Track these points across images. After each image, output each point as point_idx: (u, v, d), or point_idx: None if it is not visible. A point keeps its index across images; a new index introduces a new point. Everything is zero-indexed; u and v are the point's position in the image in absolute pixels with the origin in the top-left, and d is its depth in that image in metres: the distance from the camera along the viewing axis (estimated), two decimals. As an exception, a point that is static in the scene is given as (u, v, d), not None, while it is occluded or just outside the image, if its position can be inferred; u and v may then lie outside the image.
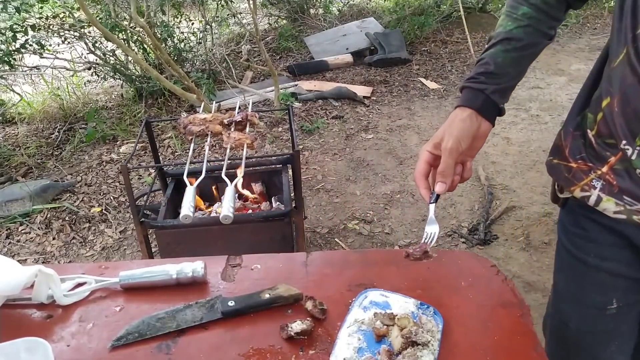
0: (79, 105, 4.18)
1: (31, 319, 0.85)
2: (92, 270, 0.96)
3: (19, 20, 3.81)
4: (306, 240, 2.33)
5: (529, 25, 0.88)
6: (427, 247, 0.92)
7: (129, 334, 0.81)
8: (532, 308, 0.83)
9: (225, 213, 1.12)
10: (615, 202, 0.81)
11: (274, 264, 0.96)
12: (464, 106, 0.88)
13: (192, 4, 5.16)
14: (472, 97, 0.88)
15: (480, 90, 0.88)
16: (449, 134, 0.86)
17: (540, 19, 0.87)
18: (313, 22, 5.83)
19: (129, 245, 2.66)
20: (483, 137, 0.90)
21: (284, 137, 3.61)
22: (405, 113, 3.96)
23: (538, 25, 0.88)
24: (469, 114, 0.87)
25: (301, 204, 1.91)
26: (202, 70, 4.48)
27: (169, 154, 3.52)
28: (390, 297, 0.85)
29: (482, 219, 2.67)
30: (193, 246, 1.93)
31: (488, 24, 5.61)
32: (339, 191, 3.02)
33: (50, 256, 2.60)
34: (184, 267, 0.91)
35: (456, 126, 0.86)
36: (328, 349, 0.77)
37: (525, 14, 0.87)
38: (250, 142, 1.50)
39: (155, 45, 3.55)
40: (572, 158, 0.88)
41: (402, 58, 4.78)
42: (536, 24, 0.88)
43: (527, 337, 0.78)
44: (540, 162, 3.17)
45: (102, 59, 4.19)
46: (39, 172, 3.34)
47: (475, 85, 0.89)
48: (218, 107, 2.75)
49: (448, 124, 0.88)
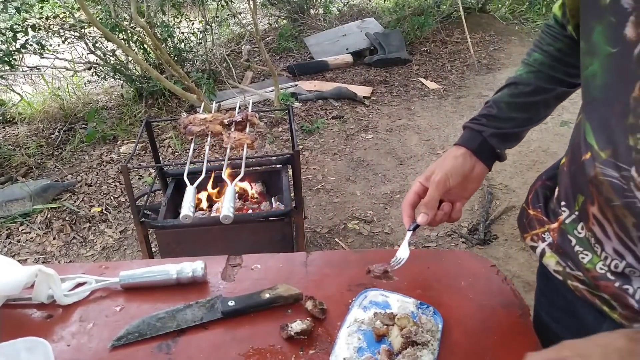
0: (79, 105, 4.18)
1: (31, 318, 0.85)
2: (92, 270, 0.96)
3: (19, 20, 3.82)
4: (306, 240, 2.33)
5: (539, 70, 0.86)
6: (389, 267, 0.91)
7: (129, 333, 0.81)
8: (532, 308, 0.83)
9: (225, 213, 1.12)
10: (557, 260, 0.78)
11: (274, 264, 0.96)
12: (461, 145, 0.88)
13: (192, 4, 5.16)
14: (469, 138, 0.89)
15: (478, 132, 0.87)
16: (440, 168, 0.86)
17: (553, 65, 0.85)
18: (313, 22, 5.83)
19: (129, 245, 2.67)
20: (477, 180, 0.89)
21: (284, 137, 3.61)
22: (405, 113, 3.96)
23: (550, 71, 0.85)
24: (462, 152, 0.87)
25: (301, 204, 1.91)
26: (202, 70, 4.49)
27: (169, 154, 3.52)
28: (390, 296, 0.85)
29: (481, 219, 2.67)
30: (193, 246, 1.93)
31: (488, 24, 5.62)
32: (339, 191, 3.02)
33: (50, 256, 2.61)
34: (184, 267, 0.91)
35: (448, 162, 0.86)
36: (328, 349, 0.77)
37: (537, 59, 0.86)
38: (250, 142, 1.50)
39: (155, 45, 3.55)
40: (532, 205, 0.85)
41: (402, 58, 4.79)
42: (548, 69, 0.85)
43: (527, 337, 0.78)
44: (540, 162, 3.17)
45: (103, 59, 4.19)
46: (39, 172, 3.34)
47: (474, 127, 0.88)
48: (218, 107, 2.75)
49: (442, 159, 0.88)
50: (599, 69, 0.60)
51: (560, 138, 3.51)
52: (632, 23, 0.54)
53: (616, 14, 0.56)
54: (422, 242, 2.59)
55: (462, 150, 0.87)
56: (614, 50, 0.57)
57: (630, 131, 0.57)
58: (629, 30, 0.55)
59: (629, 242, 0.63)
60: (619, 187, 0.59)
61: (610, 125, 0.59)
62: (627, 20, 0.55)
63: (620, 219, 0.62)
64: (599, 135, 0.62)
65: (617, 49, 0.57)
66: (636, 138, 0.56)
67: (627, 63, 0.56)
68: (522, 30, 5.60)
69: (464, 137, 0.89)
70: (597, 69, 0.61)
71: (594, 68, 0.61)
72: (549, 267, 0.79)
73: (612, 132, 0.59)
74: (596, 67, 0.61)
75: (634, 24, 0.54)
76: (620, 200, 0.60)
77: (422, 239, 2.60)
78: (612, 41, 0.57)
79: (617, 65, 0.58)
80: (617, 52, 0.57)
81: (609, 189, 0.61)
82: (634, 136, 0.56)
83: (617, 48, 0.57)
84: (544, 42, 0.86)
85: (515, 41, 5.32)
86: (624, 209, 0.60)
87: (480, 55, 4.99)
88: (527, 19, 5.91)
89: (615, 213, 0.62)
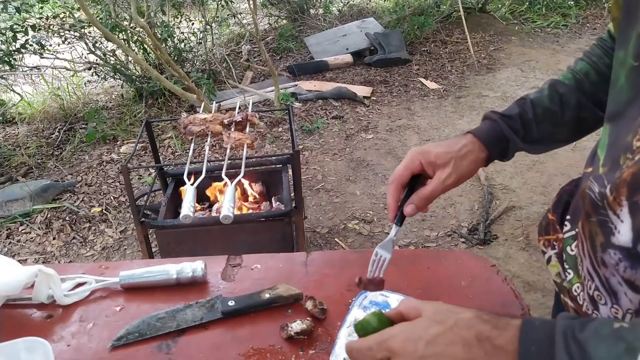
0: (79, 105, 4.18)
1: (31, 318, 0.86)
2: (92, 270, 0.96)
3: (19, 20, 3.82)
4: (306, 240, 2.33)
5: (582, 80, 0.78)
6: (381, 274, 0.77)
7: (129, 333, 0.81)
8: (532, 308, 0.83)
9: (225, 213, 1.12)
10: (558, 271, 0.75)
11: (274, 264, 0.96)
12: (483, 145, 0.76)
13: (192, 4, 5.16)
14: (494, 137, 0.77)
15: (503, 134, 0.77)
16: (455, 170, 0.73)
17: (597, 80, 0.78)
18: (313, 22, 5.83)
19: (129, 245, 2.66)
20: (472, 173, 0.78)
21: (284, 137, 3.61)
22: (405, 113, 3.96)
23: (592, 86, 0.78)
24: (483, 157, 0.76)
25: (301, 204, 1.91)
26: (202, 70, 4.49)
27: (169, 154, 3.52)
28: (390, 297, 0.85)
29: (482, 219, 2.67)
30: (193, 246, 1.93)
31: (488, 24, 5.62)
32: (339, 191, 3.02)
33: (50, 256, 2.61)
34: (184, 267, 0.91)
35: (465, 165, 0.74)
36: (328, 349, 0.77)
37: (582, 69, 0.80)
38: (250, 142, 1.50)
39: (155, 45, 3.55)
40: (553, 209, 0.81)
41: (402, 58, 4.79)
42: (590, 83, 0.78)
43: (527, 337, 0.78)
44: (540, 162, 3.17)
45: (103, 59, 4.19)
46: (39, 172, 3.34)
47: (505, 129, 0.77)
48: (218, 107, 2.75)
49: (462, 155, 0.74)
50: (625, 84, 0.57)
51: (560, 138, 3.51)
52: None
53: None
54: (422, 242, 2.59)
55: (483, 155, 0.76)
56: (636, 64, 0.55)
57: (624, 149, 0.55)
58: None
59: (595, 263, 0.61)
60: (595, 203, 0.58)
61: (617, 141, 0.58)
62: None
63: (593, 237, 0.60)
64: (608, 150, 0.60)
65: (638, 63, 0.54)
66: (625, 157, 0.54)
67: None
68: (522, 30, 5.60)
69: (487, 134, 0.76)
70: (624, 84, 0.58)
71: (622, 82, 0.58)
72: (551, 275, 0.78)
73: (615, 149, 0.58)
74: (623, 82, 0.58)
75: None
76: (596, 217, 0.58)
77: (422, 239, 2.61)
78: (636, 55, 0.55)
79: (636, 80, 0.55)
80: (637, 67, 0.55)
81: (589, 204, 0.60)
82: (624, 155, 0.54)
83: (638, 62, 0.54)
84: (593, 53, 0.81)
85: (515, 41, 5.32)
86: (597, 227, 0.58)
87: (480, 55, 4.99)
88: (527, 19, 5.91)
89: (590, 229, 0.60)
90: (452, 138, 0.78)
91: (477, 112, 3.91)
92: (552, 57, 4.87)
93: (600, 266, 0.60)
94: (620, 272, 0.56)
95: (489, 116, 0.79)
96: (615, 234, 0.55)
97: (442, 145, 0.75)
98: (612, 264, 0.57)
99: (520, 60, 4.84)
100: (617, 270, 0.57)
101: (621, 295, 0.58)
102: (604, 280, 0.60)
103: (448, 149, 0.74)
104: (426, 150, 0.74)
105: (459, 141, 0.76)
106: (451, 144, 0.75)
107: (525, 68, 4.65)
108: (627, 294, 0.57)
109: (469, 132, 0.77)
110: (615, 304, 0.59)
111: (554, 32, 5.58)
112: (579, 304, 0.67)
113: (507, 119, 0.77)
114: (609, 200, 0.55)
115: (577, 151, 3.21)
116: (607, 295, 0.60)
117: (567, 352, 0.43)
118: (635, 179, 0.51)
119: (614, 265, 0.57)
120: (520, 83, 4.34)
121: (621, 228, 0.54)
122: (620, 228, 0.54)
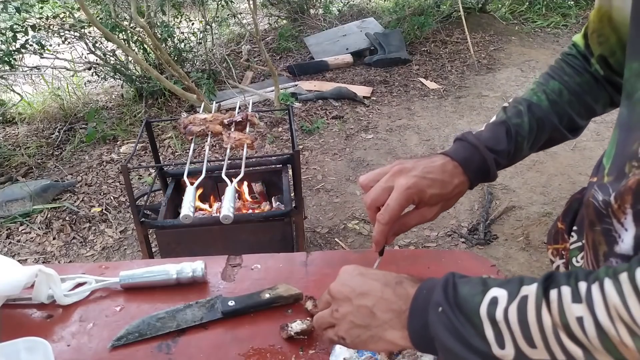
0: (79, 105, 4.18)
1: (31, 318, 0.86)
2: (92, 270, 0.96)
3: (19, 20, 3.82)
4: (306, 240, 2.33)
5: (556, 102, 0.77)
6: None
7: (129, 333, 0.81)
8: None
9: (225, 213, 1.12)
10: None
11: (274, 264, 0.96)
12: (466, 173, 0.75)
13: (192, 4, 5.16)
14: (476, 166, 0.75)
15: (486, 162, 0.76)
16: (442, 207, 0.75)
17: (570, 100, 0.78)
18: (313, 22, 5.83)
19: (129, 245, 2.67)
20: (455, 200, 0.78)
21: (284, 137, 3.61)
22: (405, 113, 3.96)
23: (566, 105, 0.77)
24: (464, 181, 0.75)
25: (301, 204, 1.91)
26: (202, 70, 4.49)
27: (169, 154, 3.52)
28: (390, 297, 0.85)
29: (482, 219, 2.67)
30: (193, 246, 1.93)
31: (488, 24, 5.62)
32: (339, 191, 3.02)
33: (50, 256, 2.61)
34: (184, 267, 0.91)
35: (451, 204, 0.76)
36: (328, 349, 0.77)
37: (555, 89, 0.78)
38: (250, 142, 1.50)
39: (155, 45, 3.55)
40: (562, 217, 0.80)
41: (402, 58, 4.79)
42: (565, 103, 0.78)
43: (527, 337, 0.78)
44: (540, 162, 3.17)
45: (103, 59, 4.19)
46: (39, 172, 3.34)
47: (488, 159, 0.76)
48: (218, 107, 2.75)
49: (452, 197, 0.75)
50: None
51: (560, 138, 3.51)
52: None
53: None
54: (422, 242, 2.59)
55: (466, 190, 0.76)
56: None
57: (629, 158, 0.54)
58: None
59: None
60: (600, 212, 0.57)
61: (624, 151, 0.57)
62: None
63: (596, 246, 0.60)
64: (614, 160, 0.59)
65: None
66: (631, 165, 0.54)
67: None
68: (522, 30, 5.60)
69: (477, 172, 0.75)
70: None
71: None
72: None
73: (621, 158, 0.57)
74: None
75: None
76: (600, 226, 0.58)
77: (422, 239, 2.61)
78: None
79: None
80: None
81: (592, 212, 0.59)
82: (630, 163, 0.54)
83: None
84: (564, 72, 0.79)
85: (515, 41, 5.32)
86: (601, 236, 0.58)
87: (480, 55, 4.99)
88: (527, 19, 5.91)
89: (594, 238, 0.60)
90: (445, 169, 0.73)
91: (477, 112, 3.91)
92: (552, 57, 4.87)
93: None
94: None
95: (479, 148, 0.75)
96: (619, 242, 0.55)
97: (437, 184, 0.72)
98: None
99: (520, 60, 4.84)
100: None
101: None
102: None
103: (441, 191, 0.72)
104: (421, 190, 0.71)
105: (452, 181, 0.73)
106: (445, 184, 0.73)
107: (525, 68, 4.65)
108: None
109: (459, 164, 0.74)
110: None
111: (554, 32, 5.58)
112: None
113: (497, 154, 0.75)
114: (613, 208, 0.55)
115: (577, 151, 3.21)
116: None
117: (444, 290, 0.55)
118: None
119: None
120: (520, 83, 4.35)
121: (625, 237, 0.54)
122: (624, 237, 0.54)
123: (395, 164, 0.74)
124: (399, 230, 0.76)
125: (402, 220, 0.75)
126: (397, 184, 0.71)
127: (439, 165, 0.73)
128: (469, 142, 0.75)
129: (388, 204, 0.71)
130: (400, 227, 0.75)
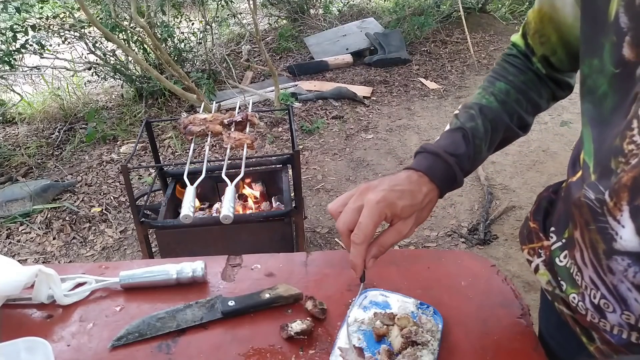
0: (79, 105, 4.18)
1: (31, 318, 0.85)
2: (92, 270, 0.96)
3: (19, 20, 3.82)
4: (306, 240, 2.33)
5: (505, 102, 0.79)
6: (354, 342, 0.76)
7: (129, 333, 0.81)
8: (532, 308, 0.83)
9: (225, 213, 1.12)
10: (548, 280, 0.73)
11: (274, 264, 0.96)
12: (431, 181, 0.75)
13: (192, 4, 5.16)
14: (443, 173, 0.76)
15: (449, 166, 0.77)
16: (416, 220, 0.75)
17: (518, 98, 0.80)
18: (313, 22, 5.83)
19: (129, 245, 2.67)
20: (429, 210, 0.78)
21: (284, 137, 3.61)
22: (405, 113, 3.96)
23: (515, 104, 0.80)
24: (433, 192, 0.76)
25: (301, 204, 1.91)
26: (202, 70, 4.49)
27: (169, 154, 3.52)
28: (390, 296, 0.85)
29: (482, 219, 2.67)
30: (193, 246, 1.93)
31: (488, 24, 5.62)
32: (339, 191, 3.02)
33: (50, 256, 2.61)
34: (184, 267, 0.91)
35: (424, 216, 0.76)
36: (328, 349, 0.77)
37: (502, 89, 0.80)
38: (250, 142, 1.50)
39: (155, 45, 3.55)
40: (533, 217, 0.79)
41: (402, 58, 4.79)
42: (513, 102, 0.80)
43: (527, 337, 0.78)
44: (540, 162, 3.17)
45: (103, 59, 4.19)
46: (39, 172, 3.34)
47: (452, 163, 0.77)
48: (218, 107, 2.75)
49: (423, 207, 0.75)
50: (609, 91, 0.57)
51: (560, 138, 3.51)
52: (627, 44, 0.52)
53: (616, 32, 0.54)
54: (422, 242, 2.59)
55: (437, 200, 0.76)
56: (617, 71, 0.55)
57: (614, 153, 0.54)
58: (626, 51, 0.53)
59: (600, 270, 0.60)
60: (595, 211, 0.57)
61: (603, 147, 0.57)
62: (624, 41, 0.53)
63: (594, 245, 0.59)
64: (596, 156, 0.59)
65: (619, 70, 0.55)
66: (618, 161, 0.54)
67: (628, 85, 0.53)
68: (522, 30, 5.60)
69: (444, 180, 0.76)
70: (607, 90, 0.57)
71: (605, 89, 0.58)
72: (541, 283, 0.77)
73: (604, 154, 0.57)
74: (606, 88, 0.57)
75: (630, 45, 0.52)
76: (595, 225, 0.58)
77: (422, 239, 2.61)
78: (615, 62, 0.55)
79: (621, 87, 0.55)
80: (619, 73, 0.55)
81: (587, 212, 0.59)
82: (616, 159, 0.54)
83: (619, 69, 0.54)
84: (508, 72, 0.81)
85: (515, 41, 5.32)
86: (597, 234, 0.58)
87: (480, 55, 4.99)
88: (527, 19, 5.91)
89: (590, 237, 0.60)
90: (411, 180, 0.74)
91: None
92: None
93: (606, 274, 0.59)
94: (629, 277, 0.56)
95: (440, 154, 0.75)
96: (617, 239, 0.54)
97: (406, 195, 0.72)
98: (621, 270, 0.56)
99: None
100: (626, 277, 0.56)
101: (631, 301, 0.57)
102: (611, 287, 0.59)
103: (412, 201, 0.72)
104: (391, 202, 0.70)
105: (420, 189, 0.73)
106: (414, 194, 0.72)
107: (525, 68, 4.65)
108: (638, 299, 0.57)
109: (424, 173, 0.74)
110: (625, 311, 0.59)
111: (554, 32, 5.58)
112: (581, 313, 0.66)
113: (458, 158, 0.76)
114: (608, 206, 0.54)
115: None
116: (616, 303, 0.60)
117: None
118: (637, 182, 0.51)
119: (623, 272, 0.56)
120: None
121: (623, 233, 0.53)
122: (621, 233, 0.54)
123: (361, 186, 0.73)
124: (377, 253, 0.72)
125: (378, 240, 0.72)
126: (366, 201, 0.69)
127: (404, 177, 0.73)
128: (429, 151, 0.76)
129: (360, 222, 0.68)
130: (378, 248, 0.72)
